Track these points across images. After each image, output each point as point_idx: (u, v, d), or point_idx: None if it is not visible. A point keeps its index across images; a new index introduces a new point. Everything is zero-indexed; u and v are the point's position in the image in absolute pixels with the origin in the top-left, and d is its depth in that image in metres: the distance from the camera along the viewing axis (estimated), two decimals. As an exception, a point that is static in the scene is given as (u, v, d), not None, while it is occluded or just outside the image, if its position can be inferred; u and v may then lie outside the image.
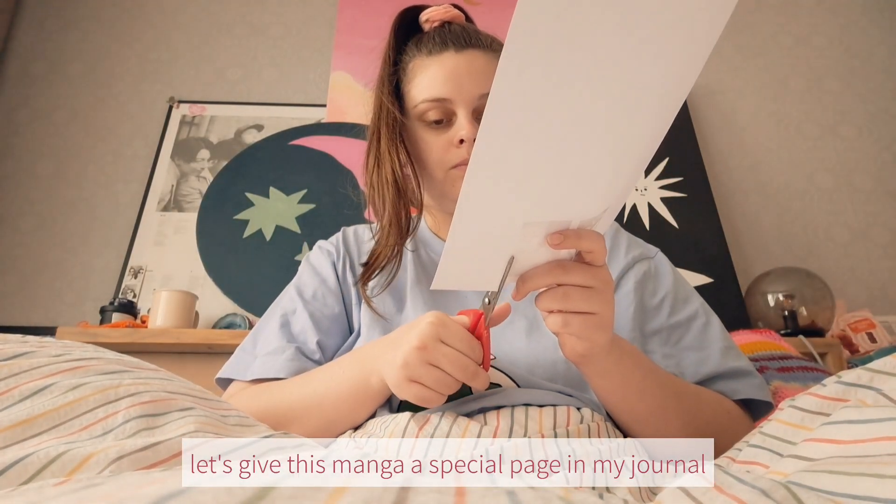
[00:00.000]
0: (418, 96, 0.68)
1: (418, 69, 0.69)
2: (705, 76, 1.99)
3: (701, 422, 0.56)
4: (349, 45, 1.90)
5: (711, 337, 0.64)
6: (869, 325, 1.46)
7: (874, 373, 0.34)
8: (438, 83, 0.67)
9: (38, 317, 1.57)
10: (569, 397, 0.55)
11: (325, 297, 0.70)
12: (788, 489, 0.24)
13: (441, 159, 0.67)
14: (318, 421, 0.56)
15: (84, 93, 1.84)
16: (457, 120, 0.66)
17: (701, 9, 0.28)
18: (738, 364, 0.62)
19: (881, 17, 2.11)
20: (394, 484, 0.19)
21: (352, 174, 1.70)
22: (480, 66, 0.68)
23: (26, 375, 0.35)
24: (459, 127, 0.65)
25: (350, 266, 0.74)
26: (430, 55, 0.69)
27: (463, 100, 0.66)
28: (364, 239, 0.78)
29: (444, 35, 0.70)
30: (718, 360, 0.62)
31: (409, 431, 0.48)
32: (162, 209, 1.68)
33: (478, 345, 0.48)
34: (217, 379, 0.68)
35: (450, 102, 0.66)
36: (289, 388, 0.59)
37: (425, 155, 0.68)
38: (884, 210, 1.83)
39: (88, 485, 0.19)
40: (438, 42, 0.69)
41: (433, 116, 0.67)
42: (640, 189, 1.71)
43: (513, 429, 0.48)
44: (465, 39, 0.69)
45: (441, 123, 0.68)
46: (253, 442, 0.35)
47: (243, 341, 0.71)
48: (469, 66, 0.67)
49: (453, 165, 0.67)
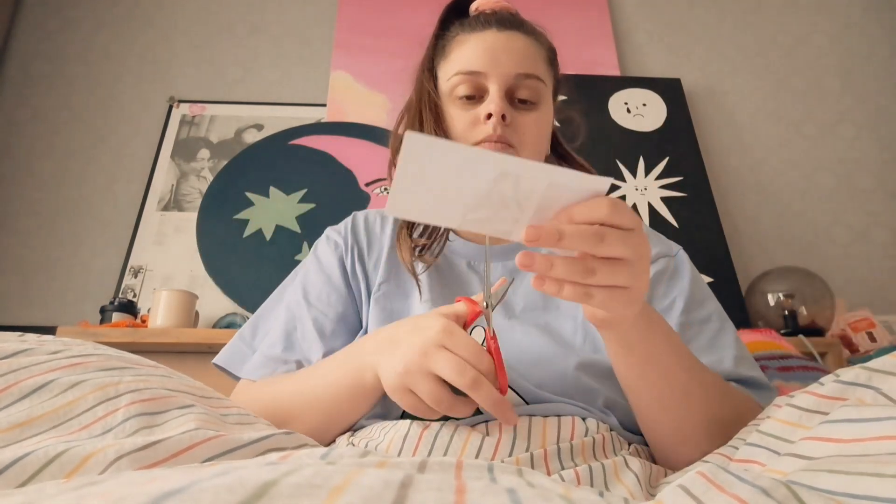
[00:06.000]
0: (451, 70, 0.67)
1: (456, 45, 0.68)
2: (705, 76, 1.99)
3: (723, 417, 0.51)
4: (349, 45, 1.90)
5: (724, 342, 0.60)
6: (869, 324, 1.46)
7: (873, 371, 0.33)
8: (475, 56, 0.65)
9: (38, 316, 1.57)
10: (575, 407, 0.53)
11: (330, 296, 0.68)
12: (789, 488, 0.24)
13: (465, 134, 0.65)
14: (318, 418, 0.55)
15: (84, 93, 1.84)
16: (488, 96, 0.64)
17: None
18: (752, 373, 0.58)
19: (881, 17, 2.11)
20: (394, 482, 0.19)
21: (352, 174, 1.70)
22: (520, 46, 0.66)
23: (25, 372, 0.35)
24: (489, 101, 0.64)
25: (359, 258, 0.70)
26: (472, 31, 0.68)
27: (497, 74, 0.64)
28: (375, 227, 0.74)
29: (489, 16, 0.69)
30: (731, 366, 0.58)
31: (411, 438, 0.48)
32: (162, 209, 1.68)
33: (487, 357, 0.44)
34: (214, 363, 0.68)
35: (483, 77, 0.65)
36: (289, 385, 0.59)
37: (451, 131, 0.66)
38: (884, 210, 1.83)
39: (88, 483, 0.19)
40: (482, 21, 0.68)
41: (464, 91, 0.66)
42: (641, 189, 1.72)
43: (515, 442, 0.47)
44: (510, 22, 0.68)
45: (472, 99, 0.66)
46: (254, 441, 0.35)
47: (242, 328, 0.70)
48: (508, 44, 0.66)
49: (477, 141, 0.64)
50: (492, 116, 0.63)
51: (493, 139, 0.63)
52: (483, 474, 0.26)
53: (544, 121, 0.68)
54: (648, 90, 1.87)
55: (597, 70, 1.91)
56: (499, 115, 0.63)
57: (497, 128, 0.63)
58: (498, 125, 0.63)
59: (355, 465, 0.21)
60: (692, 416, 0.50)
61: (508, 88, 0.65)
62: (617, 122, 1.81)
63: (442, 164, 0.35)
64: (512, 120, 0.64)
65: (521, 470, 0.29)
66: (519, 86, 0.65)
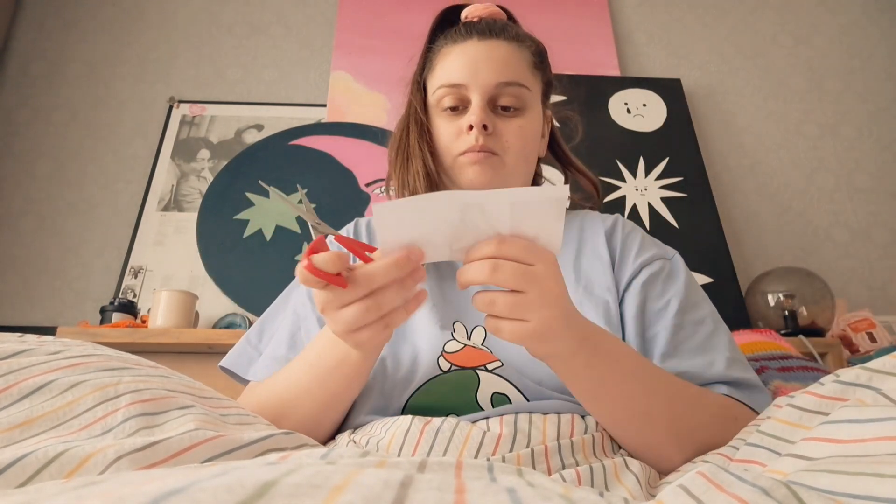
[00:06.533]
0: (436, 83, 0.69)
1: (441, 57, 0.70)
2: (705, 76, 1.99)
3: (696, 425, 0.51)
4: (349, 45, 1.90)
5: (717, 344, 0.60)
6: (869, 324, 1.46)
7: (873, 372, 0.33)
8: (455, 69, 0.67)
9: (38, 317, 1.57)
10: (575, 405, 0.53)
11: None
12: (789, 488, 0.24)
13: (450, 146, 0.67)
14: (312, 404, 0.55)
15: (84, 93, 1.84)
16: (470, 107, 0.66)
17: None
18: (744, 375, 0.58)
19: (881, 17, 2.11)
20: (393, 482, 0.19)
21: (352, 174, 1.70)
22: (501, 55, 0.67)
23: (25, 372, 0.35)
24: (470, 113, 0.65)
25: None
26: (454, 44, 0.69)
27: (478, 86, 0.66)
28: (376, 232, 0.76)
29: (470, 26, 0.70)
30: (723, 368, 0.57)
31: (412, 433, 0.48)
32: (162, 209, 1.68)
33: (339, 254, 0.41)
34: (220, 367, 0.68)
35: (465, 88, 0.66)
36: (282, 377, 0.59)
37: (437, 142, 0.68)
38: (884, 210, 1.83)
39: (88, 483, 0.19)
40: (464, 32, 0.70)
41: (448, 103, 0.67)
42: (641, 189, 1.71)
43: (515, 438, 0.47)
44: (491, 30, 0.69)
45: (456, 111, 0.68)
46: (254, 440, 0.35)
47: (248, 331, 0.70)
48: (489, 54, 0.67)
49: (461, 152, 0.66)
50: (473, 128, 0.64)
51: (476, 149, 0.65)
52: (483, 474, 0.26)
53: (530, 126, 0.69)
54: (648, 90, 1.87)
55: (597, 70, 1.91)
56: (479, 126, 0.64)
57: (479, 138, 0.65)
58: (480, 135, 0.65)
59: (355, 465, 0.21)
60: (655, 432, 0.50)
61: (490, 98, 0.66)
62: (617, 122, 1.81)
63: (411, 218, 0.41)
64: (494, 128, 0.66)
65: (521, 470, 0.29)
66: (501, 94, 0.67)
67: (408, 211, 0.40)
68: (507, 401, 0.54)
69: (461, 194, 0.40)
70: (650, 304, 0.63)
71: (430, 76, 0.71)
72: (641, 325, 0.62)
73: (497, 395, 0.55)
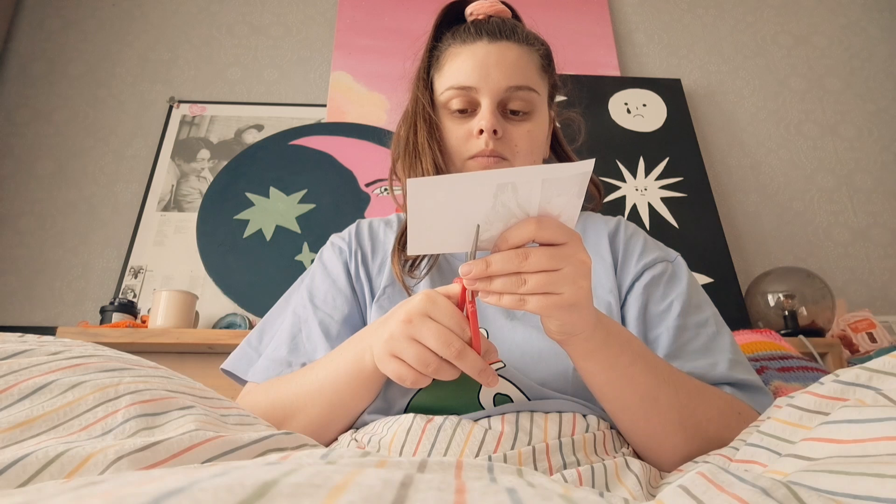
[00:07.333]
0: (445, 83, 0.68)
1: (449, 57, 0.69)
2: (705, 76, 1.99)
3: (702, 418, 0.52)
4: (349, 45, 1.90)
5: (720, 346, 0.60)
6: (869, 325, 1.46)
7: (873, 372, 0.33)
8: (465, 71, 0.66)
9: (38, 317, 1.57)
10: (576, 404, 0.54)
11: (336, 299, 0.68)
12: (789, 488, 0.24)
13: (459, 148, 0.67)
14: (321, 408, 0.56)
15: (84, 93, 1.84)
16: (480, 110, 0.66)
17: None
18: (747, 377, 0.58)
19: (881, 17, 2.11)
20: (394, 482, 0.19)
21: (352, 174, 1.70)
22: (512, 58, 0.67)
23: (26, 373, 0.35)
24: (481, 117, 0.65)
25: (363, 262, 0.71)
26: (464, 44, 0.68)
27: (488, 89, 0.65)
28: (379, 233, 0.75)
29: (479, 25, 0.69)
30: (726, 369, 0.58)
31: (414, 431, 0.48)
32: (162, 209, 1.68)
33: (466, 322, 0.45)
34: (222, 369, 0.68)
35: (475, 91, 0.66)
36: (294, 379, 0.59)
37: (446, 144, 0.68)
38: (884, 210, 1.83)
39: (88, 483, 0.19)
40: (473, 32, 0.69)
41: (457, 105, 0.67)
42: (641, 189, 1.71)
43: (517, 436, 0.47)
44: (501, 31, 0.68)
45: (465, 113, 0.67)
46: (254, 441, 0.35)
47: (249, 334, 0.71)
48: (499, 57, 0.66)
49: (471, 156, 0.66)
50: (483, 132, 0.64)
51: (486, 154, 0.65)
52: (483, 474, 0.26)
53: (538, 129, 0.69)
54: (648, 90, 1.87)
55: (597, 70, 1.91)
56: (490, 131, 0.64)
57: (489, 143, 0.65)
58: (490, 140, 0.65)
59: (355, 465, 0.21)
60: (662, 420, 0.51)
61: (500, 101, 0.66)
62: (617, 122, 1.81)
63: (445, 197, 0.40)
64: (504, 133, 0.66)
65: (522, 470, 0.29)
66: (511, 98, 0.66)
67: (442, 188, 0.40)
68: (509, 401, 0.54)
69: (493, 173, 0.39)
70: (653, 307, 0.63)
71: (438, 75, 0.70)
72: (644, 327, 0.62)
73: (499, 396, 0.55)
